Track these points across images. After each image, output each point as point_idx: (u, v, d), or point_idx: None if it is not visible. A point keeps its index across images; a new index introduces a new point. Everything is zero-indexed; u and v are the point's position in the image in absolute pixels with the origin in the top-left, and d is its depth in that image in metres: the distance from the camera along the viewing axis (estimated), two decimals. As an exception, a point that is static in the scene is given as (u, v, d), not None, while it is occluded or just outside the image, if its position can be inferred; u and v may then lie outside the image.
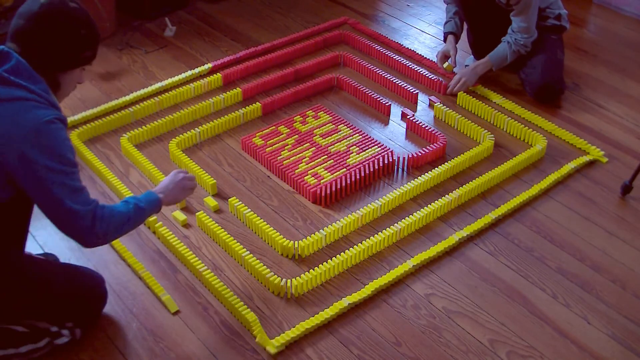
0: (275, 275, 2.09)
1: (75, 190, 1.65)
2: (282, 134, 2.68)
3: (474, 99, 2.88)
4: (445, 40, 3.10)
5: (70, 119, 2.72)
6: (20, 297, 1.78)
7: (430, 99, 2.91)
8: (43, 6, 1.66)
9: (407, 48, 3.29)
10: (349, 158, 2.56)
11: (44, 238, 2.25)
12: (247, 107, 2.81)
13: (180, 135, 2.64)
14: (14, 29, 1.68)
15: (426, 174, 2.48)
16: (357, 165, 2.53)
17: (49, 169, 1.60)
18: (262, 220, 2.29)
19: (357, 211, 2.32)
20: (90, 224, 1.67)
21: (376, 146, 2.62)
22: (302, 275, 2.10)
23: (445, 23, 3.11)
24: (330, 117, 2.78)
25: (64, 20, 1.67)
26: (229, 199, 2.37)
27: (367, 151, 2.60)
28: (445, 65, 3.05)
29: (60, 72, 1.72)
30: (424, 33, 3.49)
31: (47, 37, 1.66)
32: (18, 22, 1.68)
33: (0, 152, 1.58)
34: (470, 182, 2.44)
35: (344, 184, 2.43)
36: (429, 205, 2.34)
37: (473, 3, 2.94)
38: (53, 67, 1.70)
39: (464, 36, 3.16)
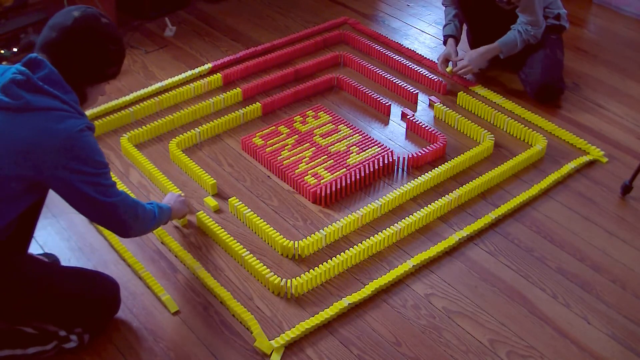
0: (275, 275, 2.09)
1: (107, 186, 1.74)
2: (282, 134, 2.68)
3: (474, 99, 2.88)
4: (445, 43, 3.09)
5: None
6: (26, 299, 1.78)
7: (430, 99, 2.91)
8: (76, 21, 1.69)
9: (407, 48, 3.29)
10: (349, 158, 2.56)
11: (44, 238, 2.25)
12: (247, 107, 2.81)
13: (180, 135, 2.64)
14: (45, 40, 1.71)
15: (426, 174, 2.48)
16: (357, 165, 2.53)
17: (84, 174, 1.67)
18: (262, 220, 2.29)
19: (357, 211, 2.32)
20: (131, 213, 1.80)
21: (376, 146, 2.62)
22: (302, 275, 2.10)
23: (445, 26, 3.09)
24: (330, 117, 2.78)
25: (95, 36, 1.71)
26: (229, 199, 2.37)
27: (367, 151, 2.60)
28: (447, 69, 3.04)
29: (88, 85, 1.77)
30: (424, 33, 3.49)
31: (78, 51, 1.71)
32: (50, 34, 1.70)
33: (35, 160, 1.62)
34: (470, 182, 2.44)
35: (344, 184, 2.43)
36: (429, 205, 2.34)
37: (473, 4, 2.93)
38: (80, 80, 1.74)
39: (463, 36, 3.16)
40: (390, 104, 2.86)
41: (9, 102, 1.62)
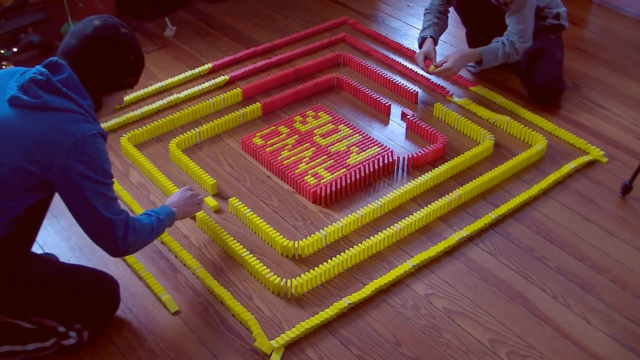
0: (275, 275, 2.09)
1: (110, 199, 1.74)
2: (282, 134, 2.68)
3: (473, 102, 2.88)
4: (421, 44, 2.95)
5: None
6: (27, 293, 1.80)
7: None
8: (96, 29, 1.72)
9: (407, 48, 3.29)
10: (349, 158, 2.56)
11: (44, 238, 2.25)
12: (247, 107, 2.81)
13: (180, 135, 2.64)
14: (66, 47, 1.74)
15: (426, 174, 2.48)
16: (357, 165, 2.53)
17: (90, 179, 1.68)
18: (262, 220, 2.29)
19: (357, 211, 2.32)
20: (124, 233, 1.77)
21: (376, 146, 2.62)
22: (302, 275, 2.10)
23: (424, 29, 2.98)
24: (330, 117, 2.78)
25: (114, 46, 1.74)
26: (229, 199, 2.37)
27: (367, 151, 2.60)
28: (430, 68, 2.89)
29: (104, 94, 1.79)
30: (424, 33, 3.49)
31: (96, 60, 1.73)
32: (70, 41, 1.74)
33: (45, 158, 1.65)
34: (470, 182, 2.44)
35: (344, 184, 2.43)
36: (429, 205, 2.34)
37: (470, 5, 2.92)
38: (98, 88, 1.77)
39: (462, 37, 3.15)
40: (390, 104, 2.86)
41: (27, 100, 1.65)
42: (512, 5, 2.73)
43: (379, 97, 2.87)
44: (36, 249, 2.19)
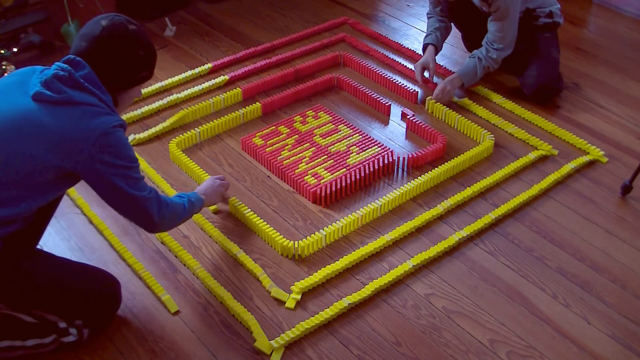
0: (273, 283, 2.09)
1: (137, 180, 1.80)
2: (282, 134, 2.68)
3: (473, 103, 2.88)
4: (424, 51, 3.00)
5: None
6: (31, 287, 1.81)
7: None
8: (104, 30, 1.75)
9: (407, 48, 3.29)
10: (349, 158, 2.56)
11: (44, 238, 2.24)
12: (247, 107, 2.81)
13: (180, 135, 2.64)
14: (76, 49, 1.77)
15: (426, 174, 2.48)
16: (357, 165, 2.53)
17: (115, 166, 1.73)
18: (262, 220, 2.29)
19: (357, 211, 2.32)
20: (157, 207, 1.84)
21: (376, 146, 2.62)
22: (304, 279, 2.09)
23: (426, 36, 3.02)
24: (330, 117, 2.78)
25: (124, 44, 1.77)
26: (229, 199, 2.37)
27: (367, 151, 2.60)
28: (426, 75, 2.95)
29: (119, 91, 1.83)
30: (424, 33, 3.47)
31: (108, 60, 1.77)
32: (80, 44, 1.77)
33: (71, 151, 1.69)
34: (470, 187, 2.44)
35: (344, 184, 2.43)
36: (431, 209, 2.34)
37: (462, 12, 2.91)
38: (113, 86, 1.80)
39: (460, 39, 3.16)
40: (390, 104, 2.86)
41: (51, 96, 1.69)
42: (495, 14, 2.73)
43: (379, 97, 2.87)
44: (36, 249, 2.19)
